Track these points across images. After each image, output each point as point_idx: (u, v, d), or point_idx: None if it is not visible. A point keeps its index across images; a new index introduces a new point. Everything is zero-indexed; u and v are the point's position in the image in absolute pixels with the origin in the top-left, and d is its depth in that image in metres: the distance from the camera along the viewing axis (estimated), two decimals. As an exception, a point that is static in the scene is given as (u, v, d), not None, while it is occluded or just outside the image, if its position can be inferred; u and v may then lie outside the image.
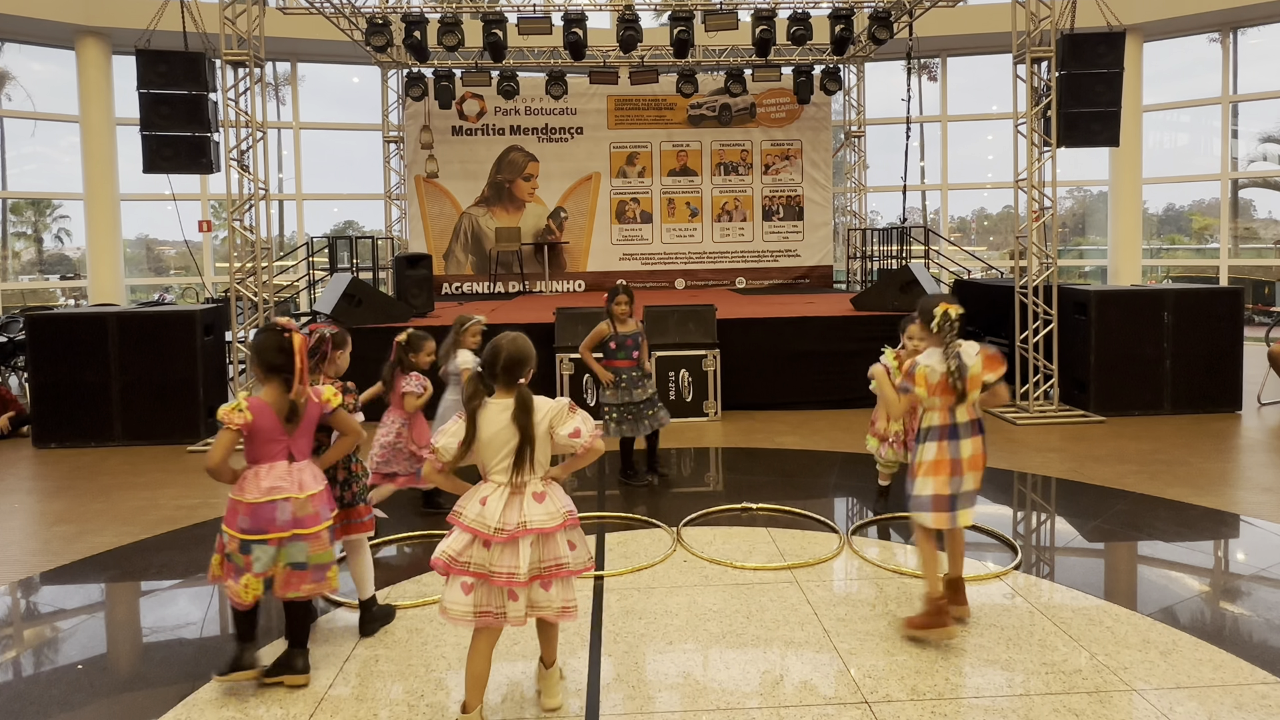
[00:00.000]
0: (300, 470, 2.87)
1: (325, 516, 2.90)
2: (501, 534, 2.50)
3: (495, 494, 2.56)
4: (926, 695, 2.77)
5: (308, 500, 2.84)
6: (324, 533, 2.88)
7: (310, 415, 2.91)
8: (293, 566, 2.83)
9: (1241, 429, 6.75)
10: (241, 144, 7.07)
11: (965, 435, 3.15)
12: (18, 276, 14.05)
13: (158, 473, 5.91)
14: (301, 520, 2.82)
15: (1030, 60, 7.34)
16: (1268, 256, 14.32)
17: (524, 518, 2.52)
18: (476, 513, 2.54)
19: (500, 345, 2.62)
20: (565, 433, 2.59)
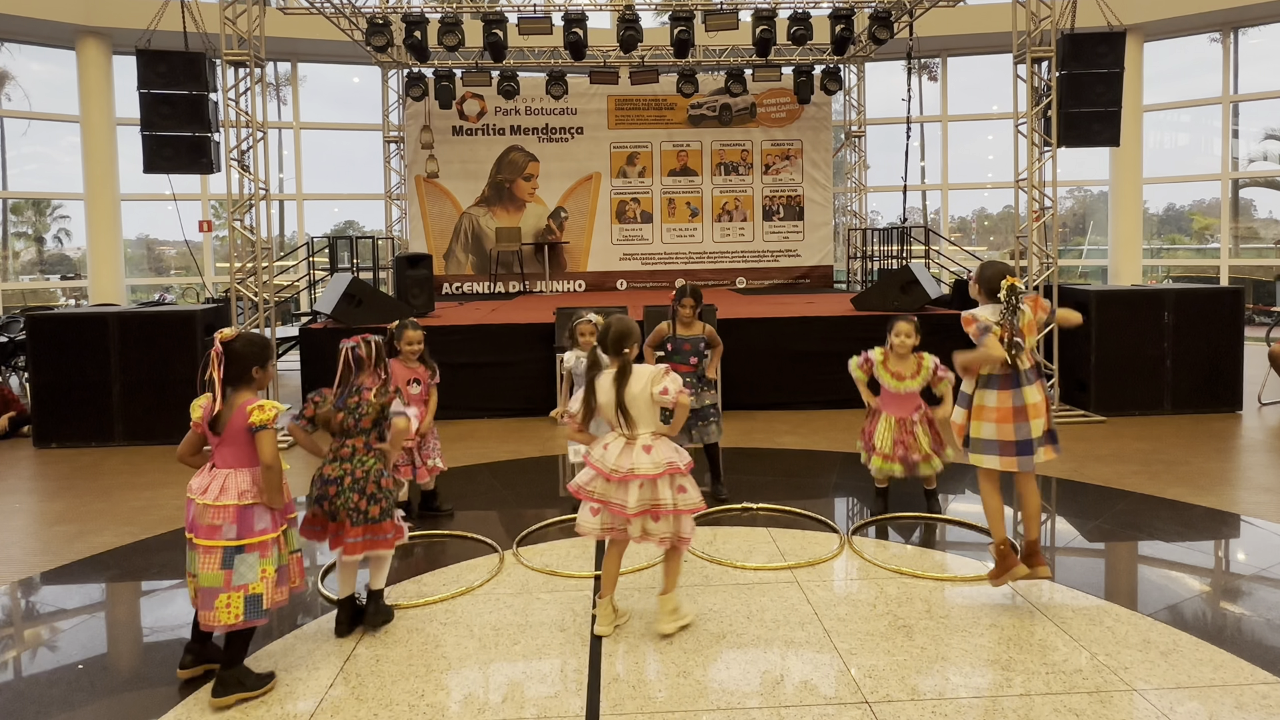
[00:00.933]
0: (218, 477, 2.77)
1: (226, 534, 2.72)
2: (616, 474, 3.12)
3: (615, 443, 3.19)
4: (926, 695, 2.77)
5: (205, 509, 2.73)
6: (217, 551, 2.71)
7: (234, 424, 2.78)
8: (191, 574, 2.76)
9: (1242, 429, 6.75)
10: (242, 144, 7.07)
11: (1027, 382, 3.29)
12: (18, 276, 14.06)
13: (158, 473, 5.91)
14: (197, 528, 2.75)
15: (1030, 60, 7.34)
16: (1268, 256, 14.32)
17: (633, 465, 3.11)
18: (599, 455, 3.19)
19: (610, 323, 3.28)
20: (656, 391, 3.17)
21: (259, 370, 2.88)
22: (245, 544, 2.75)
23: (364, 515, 3.18)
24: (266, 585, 2.78)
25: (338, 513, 3.18)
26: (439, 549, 4.30)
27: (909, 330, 4.45)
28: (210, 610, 2.72)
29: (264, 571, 2.78)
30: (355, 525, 3.18)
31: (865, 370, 4.56)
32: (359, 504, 3.17)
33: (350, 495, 3.16)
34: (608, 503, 3.15)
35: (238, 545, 2.74)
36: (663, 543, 3.19)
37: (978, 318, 3.31)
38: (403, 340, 4.51)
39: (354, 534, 3.18)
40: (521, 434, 6.80)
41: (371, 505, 3.19)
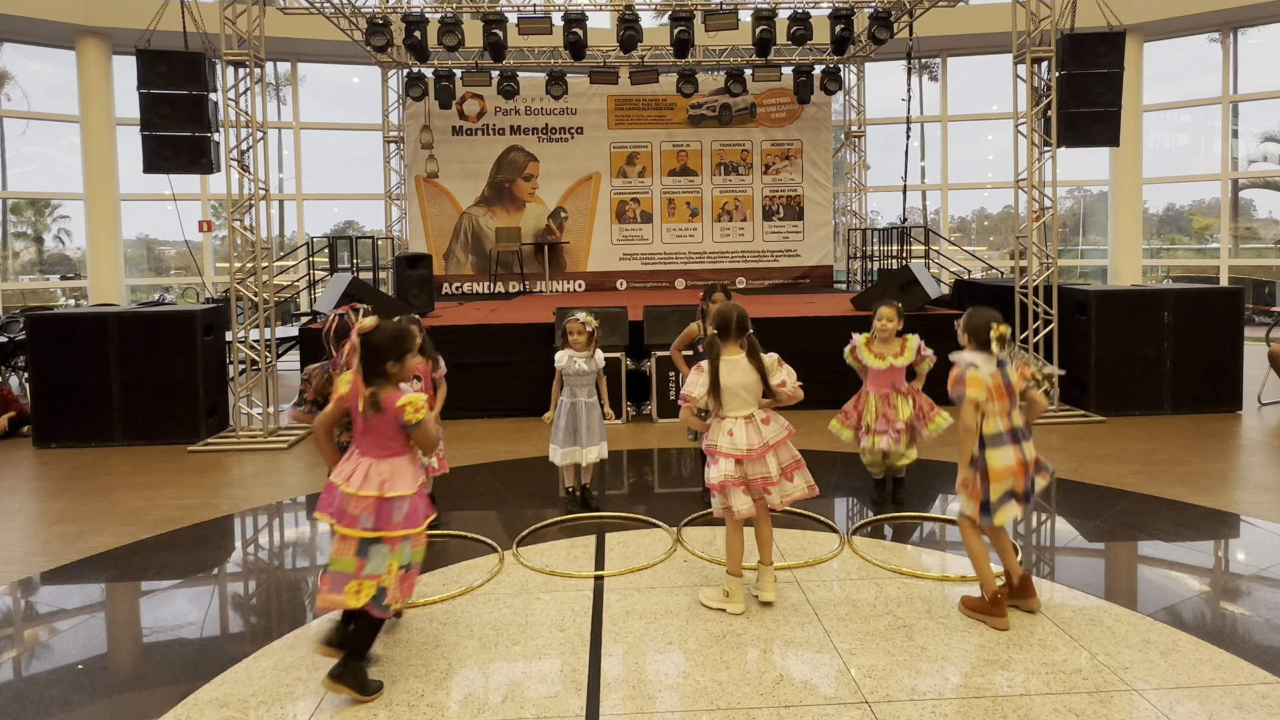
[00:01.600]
0: (361, 465, 2.80)
1: (364, 524, 2.74)
2: (753, 452, 3.33)
3: (738, 426, 3.36)
4: (926, 695, 2.77)
5: (349, 497, 2.76)
6: (353, 540, 2.74)
7: (383, 417, 2.79)
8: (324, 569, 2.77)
9: (1241, 429, 6.75)
10: (242, 144, 7.07)
11: (1024, 439, 3.30)
12: (18, 276, 14.05)
13: (158, 473, 5.91)
14: (340, 514, 2.77)
15: (1030, 60, 7.34)
16: (1268, 256, 14.32)
17: (764, 439, 3.35)
18: (728, 442, 3.34)
19: (730, 311, 3.41)
20: (774, 382, 3.37)
21: (395, 365, 2.82)
22: (381, 536, 2.76)
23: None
24: (392, 581, 2.78)
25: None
26: (439, 549, 4.30)
27: (891, 315, 4.60)
28: (339, 594, 2.72)
29: (390, 567, 2.77)
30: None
31: (856, 357, 4.72)
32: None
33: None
34: (749, 482, 3.34)
35: (374, 537, 2.75)
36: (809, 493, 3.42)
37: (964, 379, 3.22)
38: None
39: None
40: (521, 434, 6.80)
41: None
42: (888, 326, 4.60)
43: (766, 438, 3.37)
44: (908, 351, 4.58)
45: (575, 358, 4.70)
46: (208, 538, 4.58)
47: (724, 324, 3.41)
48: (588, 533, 4.46)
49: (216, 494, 5.37)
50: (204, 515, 4.91)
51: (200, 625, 3.50)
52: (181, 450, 6.55)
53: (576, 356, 4.70)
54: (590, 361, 4.73)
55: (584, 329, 4.72)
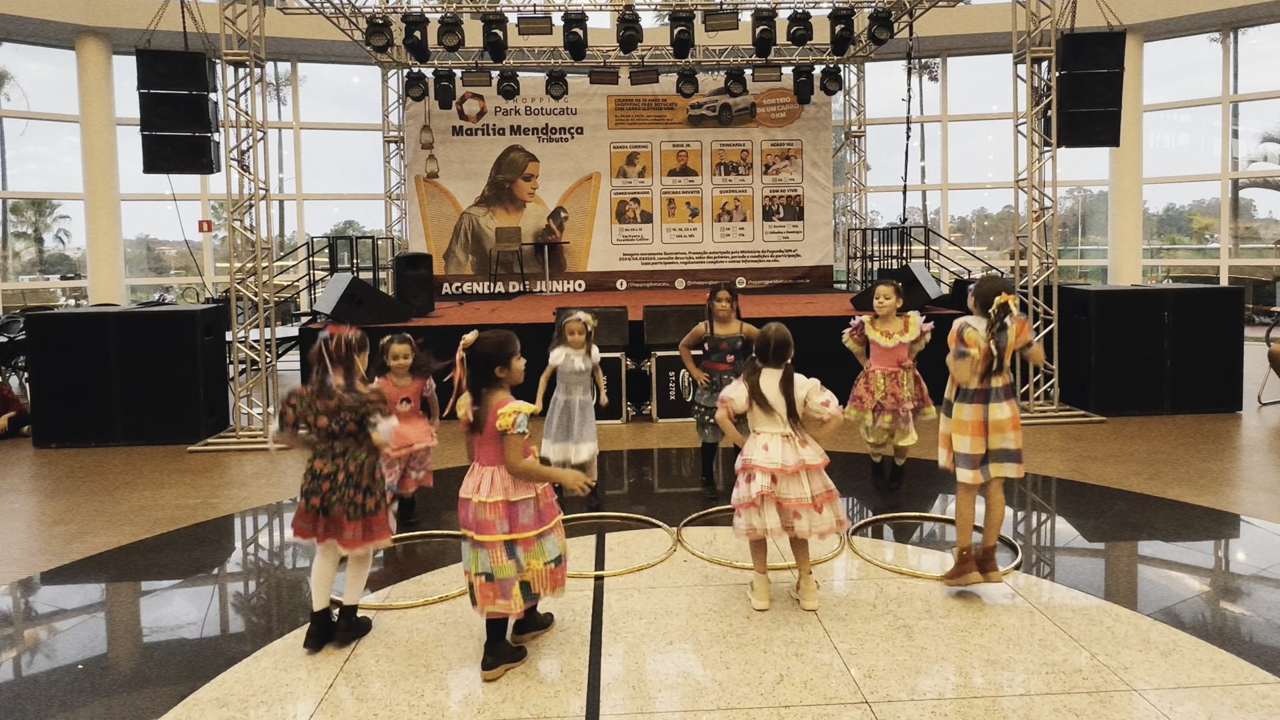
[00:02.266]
0: (484, 475, 2.95)
1: (500, 529, 2.89)
2: (787, 469, 3.30)
3: (774, 442, 3.37)
4: (926, 695, 2.77)
5: (479, 506, 2.91)
6: (499, 544, 2.89)
7: (490, 426, 2.92)
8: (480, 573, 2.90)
9: (1241, 429, 6.75)
10: (242, 144, 7.06)
11: (998, 399, 3.43)
12: (18, 276, 14.05)
13: (158, 473, 5.91)
14: (479, 525, 2.91)
15: (1030, 60, 7.34)
16: (1268, 256, 14.32)
17: (800, 457, 3.33)
18: (764, 457, 3.34)
19: (770, 334, 3.44)
20: (818, 402, 3.36)
21: (502, 370, 2.99)
22: (516, 538, 2.92)
23: (360, 509, 3.13)
24: (533, 576, 2.94)
25: (331, 508, 3.10)
26: (439, 549, 4.30)
27: (888, 292, 4.72)
28: (509, 599, 2.89)
29: (529, 565, 2.94)
30: (353, 520, 3.11)
31: (858, 339, 4.83)
32: (354, 498, 3.11)
33: (346, 491, 3.10)
34: (782, 501, 3.31)
35: (511, 539, 2.91)
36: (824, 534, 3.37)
37: (963, 337, 3.43)
38: (389, 356, 4.30)
39: (352, 529, 3.12)
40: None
41: (368, 498, 3.14)
42: (886, 304, 4.73)
43: (803, 457, 3.35)
44: (911, 328, 4.72)
45: (572, 356, 4.72)
46: (208, 538, 4.58)
47: (762, 347, 3.46)
48: (588, 533, 4.46)
49: (216, 494, 5.37)
50: (204, 515, 4.91)
51: (200, 625, 3.50)
52: (181, 450, 6.55)
53: (574, 355, 4.72)
54: (586, 360, 4.76)
55: (584, 328, 4.73)
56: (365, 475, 3.16)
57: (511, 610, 2.91)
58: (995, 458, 3.45)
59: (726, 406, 3.46)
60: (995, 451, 3.45)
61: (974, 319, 3.49)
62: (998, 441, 3.44)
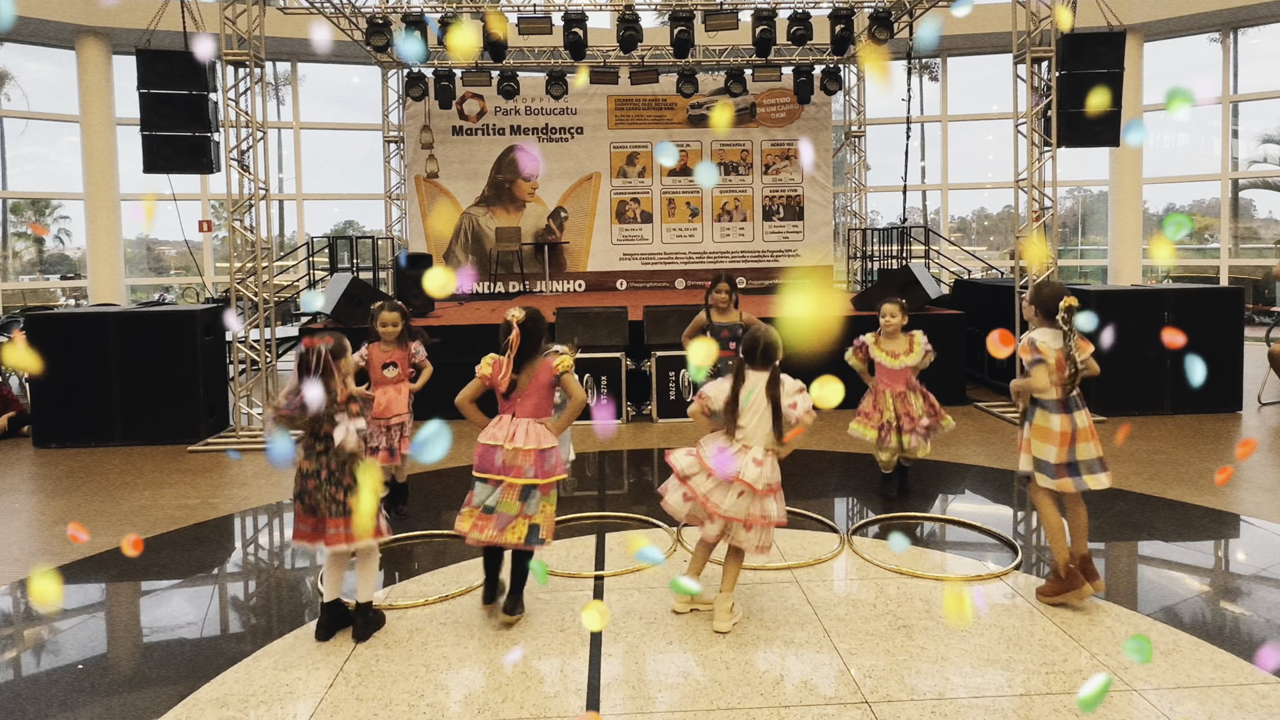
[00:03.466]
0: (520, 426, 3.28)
1: (527, 473, 3.22)
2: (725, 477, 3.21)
3: (731, 448, 3.25)
4: (926, 695, 2.77)
5: (515, 452, 3.23)
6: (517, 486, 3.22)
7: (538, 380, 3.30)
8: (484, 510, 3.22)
9: (1242, 429, 6.75)
10: (242, 144, 7.06)
11: (1076, 408, 3.37)
12: (18, 276, 14.05)
13: (158, 473, 5.91)
14: (506, 468, 3.23)
15: (1030, 60, 7.34)
16: (1268, 256, 14.31)
17: (739, 469, 3.19)
18: (711, 452, 3.26)
19: (759, 334, 3.32)
20: (787, 404, 3.23)
21: (547, 341, 3.42)
22: (538, 483, 3.25)
23: (342, 506, 3.15)
24: (545, 519, 3.28)
25: (318, 506, 3.15)
26: (439, 549, 4.30)
27: (894, 310, 4.71)
28: (500, 533, 3.22)
29: (543, 508, 3.27)
30: (335, 516, 3.14)
31: (861, 357, 4.82)
32: (335, 495, 3.14)
33: (327, 488, 3.14)
34: (705, 499, 3.25)
35: (533, 483, 3.24)
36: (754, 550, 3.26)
37: (1035, 345, 3.36)
38: (378, 322, 4.47)
39: (334, 525, 3.15)
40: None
41: (350, 496, 3.17)
42: (892, 322, 4.71)
43: (744, 473, 3.16)
44: (916, 349, 4.70)
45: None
46: (208, 538, 4.58)
47: (751, 348, 3.32)
48: (588, 533, 4.46)
49: (216, 494, 5.37)
50: (204, 515, 4.91)
51: (200, 625, 3.50)
52: (181, 450, 6.55)
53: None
54: None
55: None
56: (347, 474, 3.18)
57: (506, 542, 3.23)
58: (1088, 468, 3.35)
59: (702, 402, 3.32)
60: (1086, 462, 3.36)
61: (1039, 333, 3.40)
62: (1085, 451, 3.36)
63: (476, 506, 3.27)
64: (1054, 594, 3.41)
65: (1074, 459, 3.35)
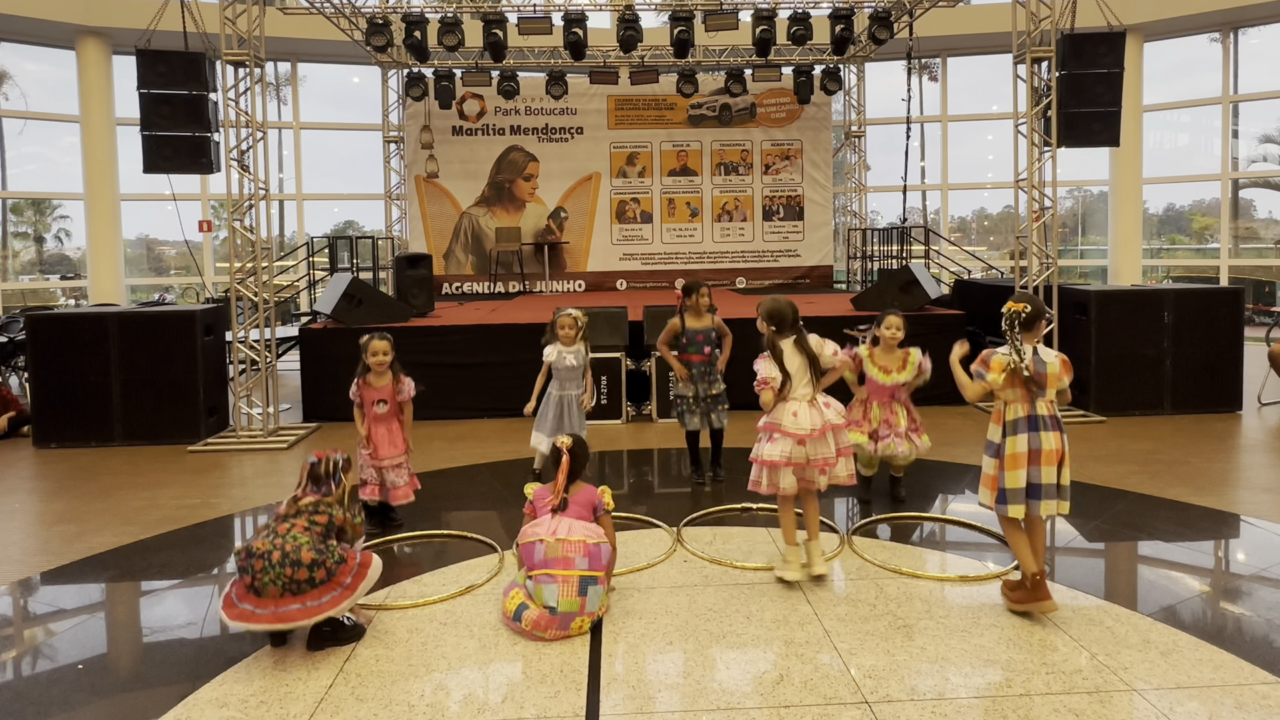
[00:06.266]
0: (564, 523, 3.35)
1: (581, 565, 3.24)
2: (815, 432, 3.52)
3: (802, 408, 3.55)
4: (926, 695, 2.77)
5: (560, 544, 3.29)
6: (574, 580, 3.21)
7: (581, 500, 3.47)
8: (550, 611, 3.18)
9: (1242, 429, 6.75)
10: (242, 144, 7.06)
11: (1045, 428, 3.26)
12: (18, 276, 14.05)
13: (158, 473, 5.91)
14: (550, 562, 3.27)
15: (1030, 60, 7.34)
16: (1268, 256, 14.32)
17: (825, 419, 3.56)
18: (794, 422, 3.53)
19: (783, 304, 3.68)
20: (829, 352, 3.70)
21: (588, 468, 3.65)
22: (596, 575, 3.27)
23: (308, 583, 3.03)
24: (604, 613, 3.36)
25: (264, 589, 3.00)
26: (439, 549, 4.30)
27: (898, 324, 4.68)
28: (567, 630, 3.20)
29: (603, 602, 3.33)
30: (298, 595, 3.02)
31: (854, 368, 4.73)
32: (295, 575, 3.01)
33: (283, 570, 3.00)
34: (809, 462, 3.54)
35: (591, 575, 3.25)
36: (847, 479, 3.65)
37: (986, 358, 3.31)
38: (368, 353, 4.38)
39: (295, 602, 3.02)
40: (521, 434, 6.78)
41: (316, 570, 3.05)
42: (896, 335, 4.67)
43: (828, 418, 3.57)
44: (909, 367, 4.66)
45: (564, 353, 4.98)
46: (208, 538, 4.58)
47: (781, 318, 3.65)
48: (588, 533, 4.45)
49: (216, 494, 5.37)
50: (204, 515, 4.91)
51: (200, 625, 3.50)
52: (181, 450, 6.55)
53: (565, 351, 4.98)
54: (578, 355, 5.02)
55: (575, 324, 4.98)
56: (305, 551, 3.06)
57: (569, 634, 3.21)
58: (1046, 493, 3.23)
59: (769, 386, 3.57)
60: (1045, 486, 3.23)
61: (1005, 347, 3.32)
62: (1050, 475, 3.24)
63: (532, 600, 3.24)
64: (1018, 602, 3.34)
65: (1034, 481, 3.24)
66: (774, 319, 3.66)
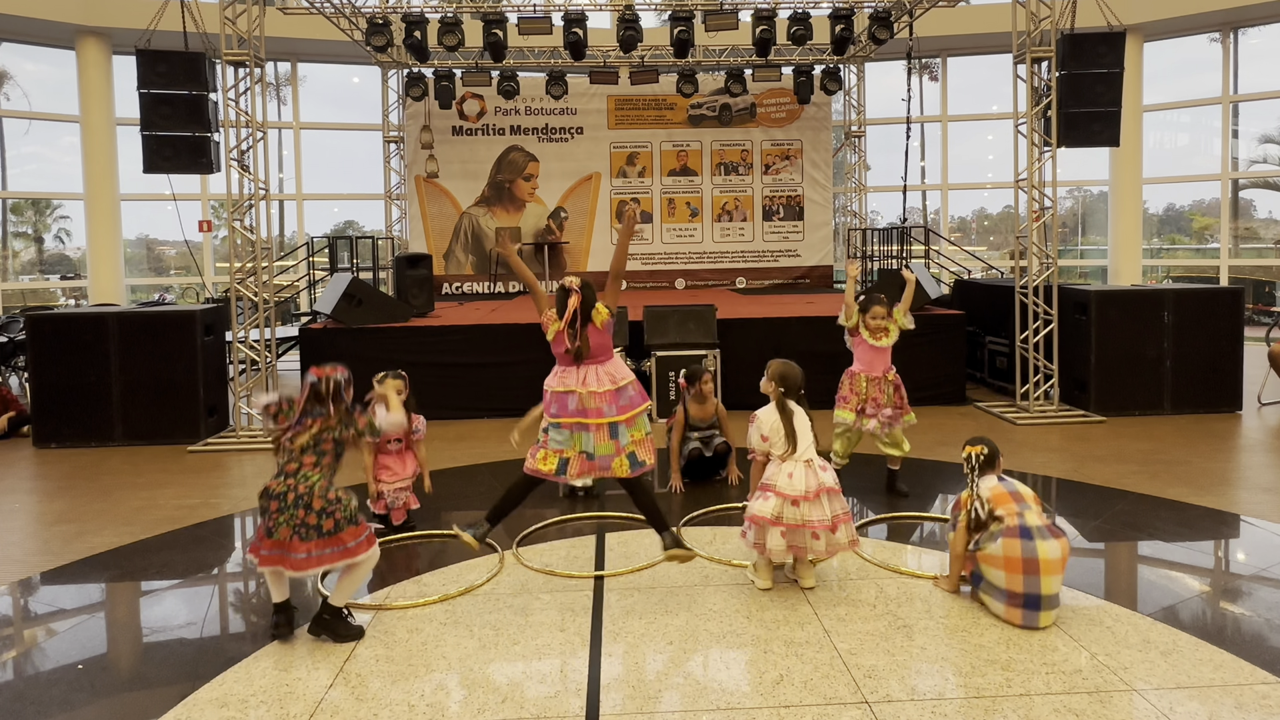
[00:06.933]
0: (590, 371, 3.47)
1: (609, 412, 3.42)
2: (809, 495, 3.50)
3: (798, 469, 3.55)
4: (926, 695, 2.77)
5: (590, 395, 3.43)
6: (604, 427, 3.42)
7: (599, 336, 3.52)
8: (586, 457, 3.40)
9: (1241, 429, 6.75)
10: (242, 144, 7.06)
11: (1040, 537, 3.23)
12: (18, 276, 14.05)
13: (158, 473, 5.91)
14: (584, 411, 3.41)
15: (1030, 60, 7.34)
16: (1268, 256, 14.32)
17: (820, 482, 3.54)
18: (787, 484, 3.52)
19: (792, 370, 3.74)
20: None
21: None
22: (620, 419, 3.45)
23: (315, 529, 3.09)
24: (639, 445, 3.50)
25: (276, 529, 3.09)
26: (439, 549, 4.30)
27: (882, 313, 4.84)
28: (609, 469, 3.44)
29: (635, 436, 3.47)
30: (305, 540, 3.08)
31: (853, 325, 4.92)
32: (306, 519, 3.08)
33: (295, 511, 3.08)
34: (803, 525, 3.47)
35: (616, 420, 3.44)
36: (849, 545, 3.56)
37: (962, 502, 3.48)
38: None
39: (301, 549, 3.08)
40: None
41: (324, 519, 3.10)
42: (884, 324, 4.84)
43: (823, 481, 3.54)
44: (893, 331, 4.84)
45: None
46: (208, 538, 4.58)
47: (792, 382, 3.71)
48: (588, 533, 4.46)
49: (216, 494, 5.37)
50: (204, 515, 4.91)
51: (200, 625, 3.50)
52: (181, 450, 6.55)
53: None
54: None
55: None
56: (317, 497, 3.11)
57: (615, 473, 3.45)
58: (1045, 604, 3.20)
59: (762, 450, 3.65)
60: (1048, 597, 3.20)
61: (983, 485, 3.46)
62: (1052, 585, 3.21)
63: (561, 448, 3.45)
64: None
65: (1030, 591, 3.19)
66: (784, 382, 3.70)
